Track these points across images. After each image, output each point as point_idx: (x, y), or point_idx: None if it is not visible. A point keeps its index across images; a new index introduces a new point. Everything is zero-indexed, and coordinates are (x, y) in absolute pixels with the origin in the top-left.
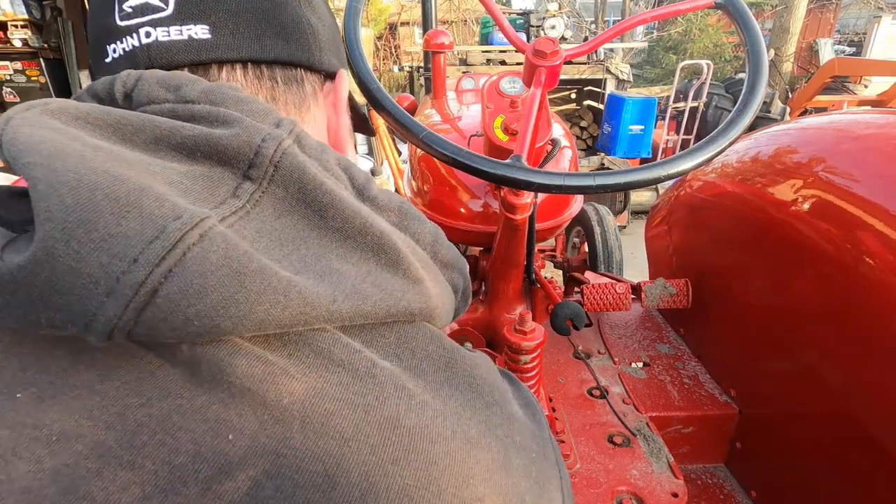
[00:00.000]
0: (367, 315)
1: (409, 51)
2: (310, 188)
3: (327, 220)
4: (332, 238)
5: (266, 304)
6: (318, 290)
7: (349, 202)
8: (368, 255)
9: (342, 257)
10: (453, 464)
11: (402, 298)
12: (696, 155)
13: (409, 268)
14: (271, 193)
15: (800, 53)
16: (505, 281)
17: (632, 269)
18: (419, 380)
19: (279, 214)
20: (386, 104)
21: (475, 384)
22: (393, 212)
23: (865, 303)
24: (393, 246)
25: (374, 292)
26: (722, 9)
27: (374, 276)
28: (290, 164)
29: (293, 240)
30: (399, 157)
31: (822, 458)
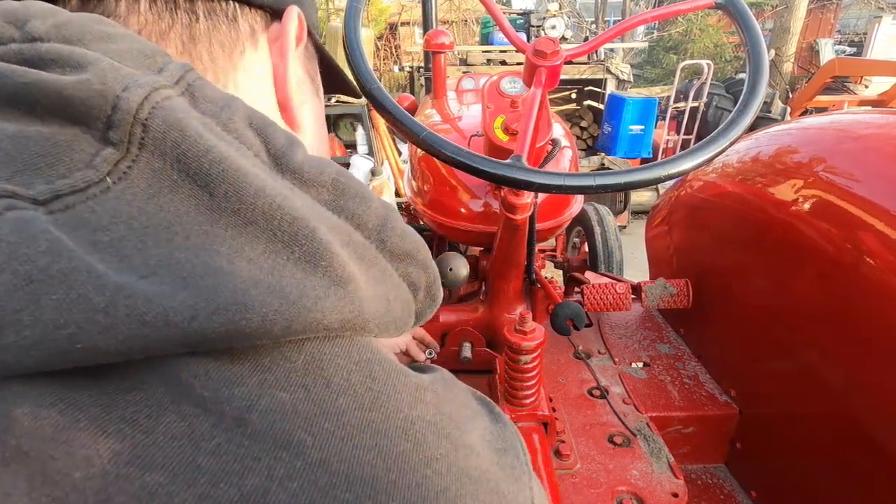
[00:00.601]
0: (252, 335)
1: (410, 51)
2: (191, 155)
3: (219, 200)
4: (225, 225)
5: (71, 327)
6: (170, 303)
7: (249, 174)
8: (276, 248)
9: (236, 251)
10: None
11: (313, 308)
12: (697, 155)
13: (333, 264)
14: (144, 164)
15: (800, 53)
16: (505, 281)
17: (632, 269)
18: (328, 422)
19: (154, 193)
20: (386, 104)
21: (411, 431)
22: (325, 187)
23: (866, 303)
24: (311, 234)
25: (268, 302)
26: (722, 9)
27: (278, 277)
28: (163, 123)
29: (167, 227)
30: (399, 156)
31: (822, 458)
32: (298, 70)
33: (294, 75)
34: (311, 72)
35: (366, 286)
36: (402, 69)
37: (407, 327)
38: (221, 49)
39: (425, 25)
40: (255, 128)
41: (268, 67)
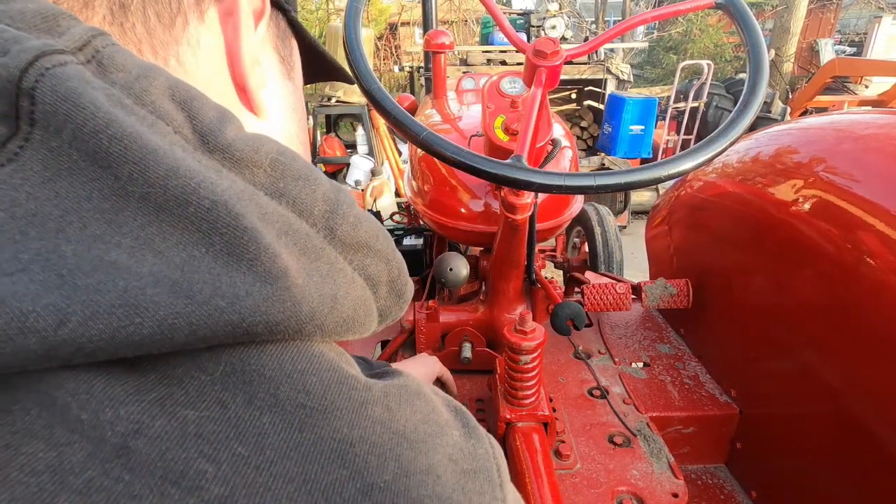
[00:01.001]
0: (144, 343)
1: (410, 51)
2: (88, 131)
3: (124, 183)
4: (134, 212)
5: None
6: (32, 306)
7: (161, 153)
8: (194, 238)
9: (143, 243)
10: None
11: (227, 309)
12: (697, 155)
13: (260, 256)
14: (37, 143)
15: (800, 53)
16: (505, 281)
17: (632, 269)
18: (243, 446)
19: (52, 176)
20: (386, 104)
21: (349, 455)
22: (261, 168)
23: (866, 303)
24: (234, 221)
25: (170, 302)
26: (722, 9)
27: (189, 273)
28: (52, 93)
29: (58, 217)
30: (399, 157)
31: (822, 458)
32: (260, 47)
33: (249, 53)
34: (281, 51)
35: (305, 282)
36: (402, 69)
37: (367, 329)
38: (158, 20)
39: (425, 25)
40: (178, 100)
41: (219, 43)
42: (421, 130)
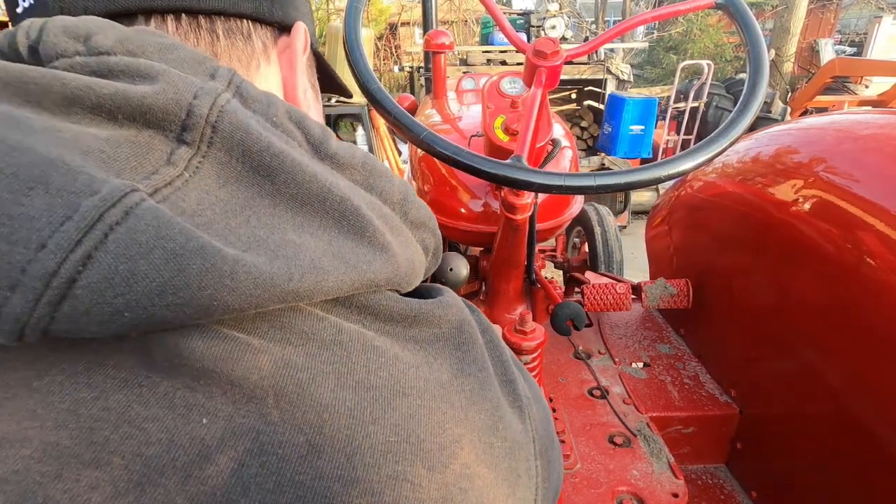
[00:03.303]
0: (329, 291)
1: (410, 51)
2: (255, 151)
3: (279, 187)
4: (286, 207)
5: (210, 289)
6: (272, 269)
7: (303, 164)
8: (329, 223)
9: (299, 227)
10: (428, 413)
11: (367, 270)
12: (697, 155)
13: (375, 234)
14: (212, 159)
15: (800, 53)
16: (505, 281)
17: (632, 269)
18: (385, 337)
19: (223, 182)
20: (386, 104)
21: (441, 332)
22: (356, 169)
23: (866, 303)
24: (356, 211)
25: (336, 266)
26: (722, 9)
27: (337, 247)
28: (229, 124)
29: (241, 210)
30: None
31: (822, 458)
32: (304, 79)
33: (301, 84)
34: (311, 79)
35: (399, 251)
36: (402, 69)
37: (418, 281)
38: (239, 63)
39: (425, 25)
40: (295, 121)
41: (278, 78)
42: (421, 130)
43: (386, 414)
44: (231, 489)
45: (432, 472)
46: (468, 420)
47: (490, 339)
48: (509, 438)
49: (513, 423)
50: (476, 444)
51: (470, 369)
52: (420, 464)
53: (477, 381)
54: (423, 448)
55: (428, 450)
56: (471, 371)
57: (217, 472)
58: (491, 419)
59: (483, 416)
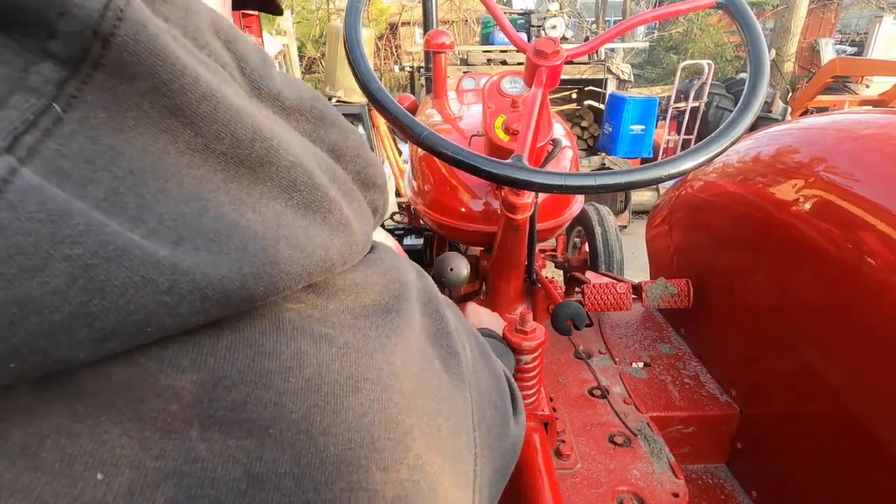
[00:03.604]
0: (282, 289)
1: (410, 51)
2: (176, 88)
3: (207, 140)
4: (212, 167)
5: (141, 313)
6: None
7: (242, 111)
8: (274, 193)
9: (237, 201)
10: (382, 408)
11: (325, 258)
12: (698, 155)
13: (332, 209)
14: (98, 88)
15: (801, 53)
16: (506, 281)
17: (633, 268)
18: (333, 320)
19: (120, 127)
20: (387, 104)
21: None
22: (305, 115)
23: (867, 303)
24: (310, 179)
25: (293, 255)
26: (723, 8)
27: (287, 229)
28: (134, 43)
29: (152, 174)
30: (400, 156)
31: (823, 458)
32: None
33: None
34: None
35: (357, 226)
36: (402, 69)
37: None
38: None
39: (426, 25)
40: (223, 39)
41: None
42: (422, 130)
43: (338, 418)
44: None
45: (387, 473)
46: (417, 407)
47: (435, 308)
48: (452, 417)
49: (455, 399)
50: (425, 431)
51: (419, 345)
52: (375, 467)
53: (424, 358)
54: (377, 448)
55: (382, 449)
56: (420, 348)
57: None
58: (436, 401)
59: (429, 399)
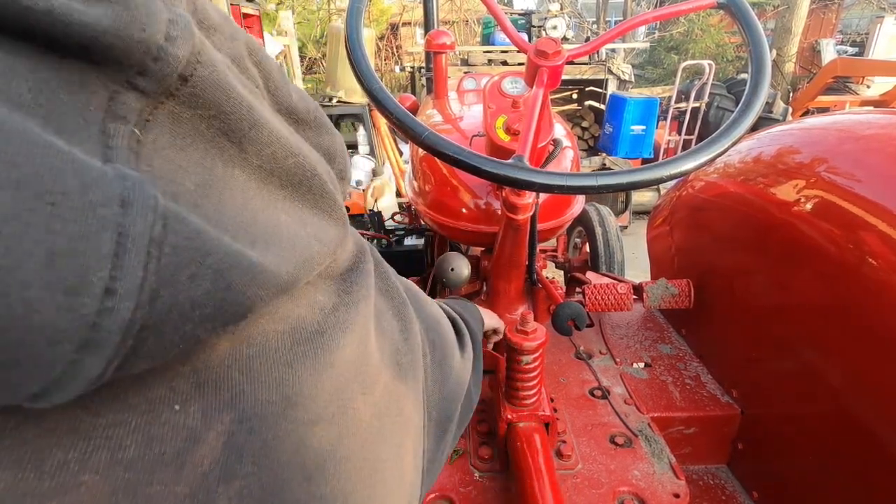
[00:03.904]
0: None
1: (411, 51)
2: (234, 118)
3: (248, 156)
4: (248, 176)
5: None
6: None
7: (278, 130)
8: (294, 196)
9: (271, 206)
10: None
11: (335, 248)
12: (699, 155)
13: (337, 210)
14: (168, 113)
15: (802, 54)
16: (506, 281)
17: (633, 269)
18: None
19: (183, 146)
20: (388, 104)
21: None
22: (310, 126)
23: (868, 303)
24: (323, 186)
25: (319, 249)
26: (724, 9)
27: (313, 226)
28: (206, 82)
29: (211, 185)
30: (400, 157)
31: (824, 458)
32: None
33: None
34: None
35: (346, 220)
36: (403, 69)
37: None
38: None
39: (426, 25)
40: (255, 60)
41: None
42: (423, 130)
43: (338, 355)
44: (226, 460)
45: (367, 396)
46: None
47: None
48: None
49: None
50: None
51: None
52: (359, 390)
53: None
54: (360, 376)
55: (364, 375)
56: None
57: (209, 449)
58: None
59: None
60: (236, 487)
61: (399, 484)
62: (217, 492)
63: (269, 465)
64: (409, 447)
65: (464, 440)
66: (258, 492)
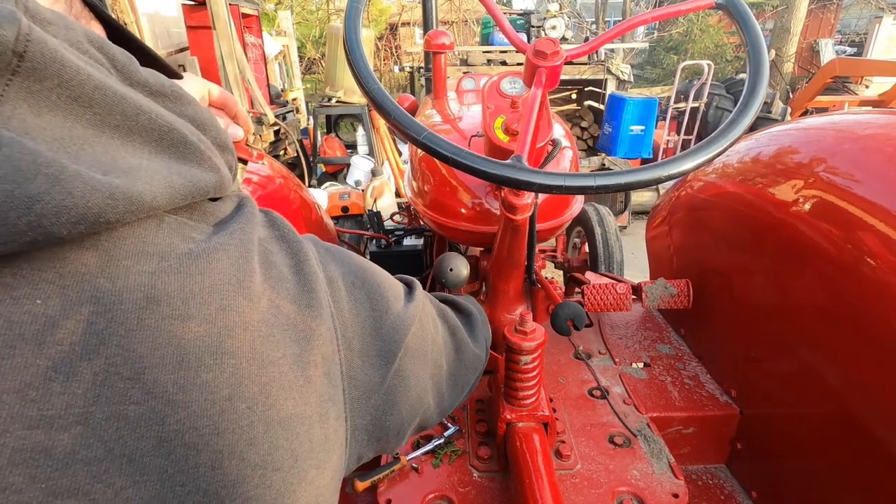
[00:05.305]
0: (176, 201)
1: (410, 51)
2: (75, 84)
3: (103, 118)
4: (112, 135)
5: (96, 209)
6: (135, 189)
7: (126, 95)
8: (162, 151)
9: (135, 154)
10: (238, 266)
11: (205, 187)
12: (697, 155)
13: (204, 158)
14: (18, 87)
15: (801, 54)
16: (505, 281)
17: (632, 269)
18: (202, 225)
19: (39, 112)
20: (386, 105)
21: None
22: (168, 97)
23: (866, 303)
24: (184, 139)
25: (182, 184)
26: (723, 9)
27: (177, 169)
28: (40, 55)
29: (70, 139)
30: (400, 157)
31: (823, 458)
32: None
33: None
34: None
35: (223, 170)
36: (402, 69)
37: None
38: None
39: (425, 26)
40: (96, 46)
41: None
42: (421, 131)
43: (212, 270)
44: (87, 342)
45: (251, 303)
46: (267, 275)
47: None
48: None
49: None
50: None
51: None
52: (242, 297)
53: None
54: (243, 286)
55: (248, 286)
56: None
57: (68, 333)
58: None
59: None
60: (101, 364)
61: (300, 384)
62: (80, 366)
63: (136, 348)
64: (315, 359)
65: (463, 440)
66: (126, 370)
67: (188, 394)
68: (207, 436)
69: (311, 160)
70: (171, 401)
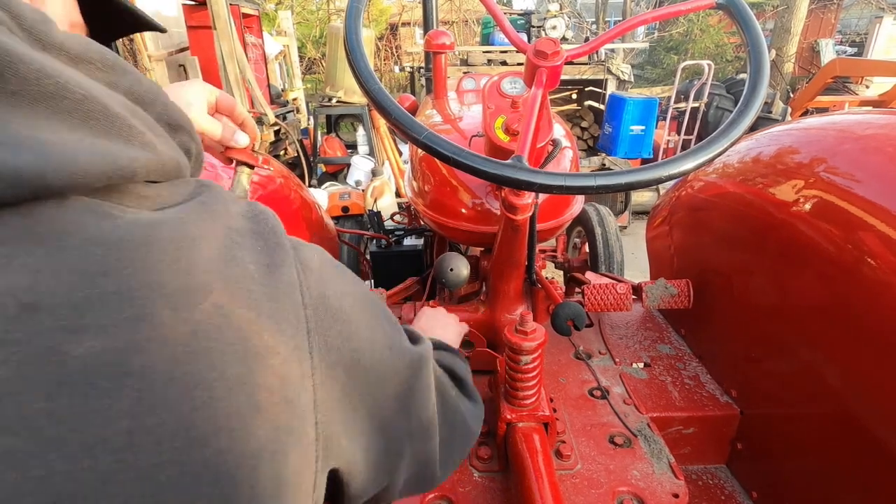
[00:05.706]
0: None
1: (410, 51)
2: None
3: None
4: (11, 105)
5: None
6: (17, 163)
7: (24, 56)
8: (74, 123)
9: (36, 126)
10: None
11: (128, 167)
12: (698, 155)
13: (134, 134)
14: None
15: (801, 54)
16: (506, 281)
17: (633, 269)
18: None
19: None
20: (387, 105)
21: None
22: (94, 64)
23: (867, 303)
24: (104, 110)
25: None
26: (723, 9)
27: (89, 144)
28: None
29: None
30: (400, 157)
31: (823, 458)
32: None
33: None
34: None
35: (161, 148)
36: (402, 69)
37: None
38: None
39: (426, 26)
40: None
41: None
42: (421, 131)
43: (126, 268)
44: None
45: (177, 312)
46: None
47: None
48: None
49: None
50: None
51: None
52: (163, 305)
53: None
54: (164, 293)
55: (170, 294)
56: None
57: None
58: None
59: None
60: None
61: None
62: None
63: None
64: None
65: None
66: None
67: (65, 427)
68: (91, 484)
69: (312, 160)
70: (42, 438)
